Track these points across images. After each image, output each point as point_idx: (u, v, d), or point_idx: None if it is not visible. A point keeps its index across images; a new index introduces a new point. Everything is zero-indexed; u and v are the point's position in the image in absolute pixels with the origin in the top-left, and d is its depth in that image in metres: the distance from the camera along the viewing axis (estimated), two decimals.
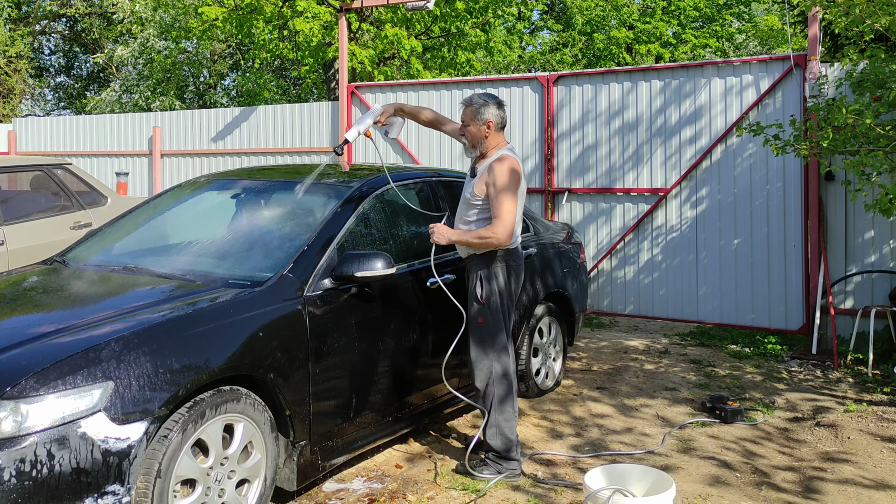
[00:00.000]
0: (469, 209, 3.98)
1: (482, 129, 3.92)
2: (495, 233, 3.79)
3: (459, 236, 3.88)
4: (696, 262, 7.23)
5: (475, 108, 3.92)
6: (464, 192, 4.05)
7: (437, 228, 3.88)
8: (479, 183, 3.89)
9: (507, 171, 3.82)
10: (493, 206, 3.82)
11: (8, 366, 2.74)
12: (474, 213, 3.95)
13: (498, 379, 3.90)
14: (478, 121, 3.92)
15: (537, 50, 22.04)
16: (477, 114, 3.91)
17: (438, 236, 3.87)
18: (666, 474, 3.28)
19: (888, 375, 5.72)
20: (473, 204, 3.93)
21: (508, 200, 3.79)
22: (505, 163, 3.84)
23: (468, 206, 3.98)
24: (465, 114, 3.95)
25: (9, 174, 6.92)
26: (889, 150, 5.39)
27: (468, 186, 4.00)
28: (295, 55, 13.95)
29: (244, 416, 3.16)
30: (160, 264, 3.99)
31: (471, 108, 3.93)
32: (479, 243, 3.83)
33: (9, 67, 21.28)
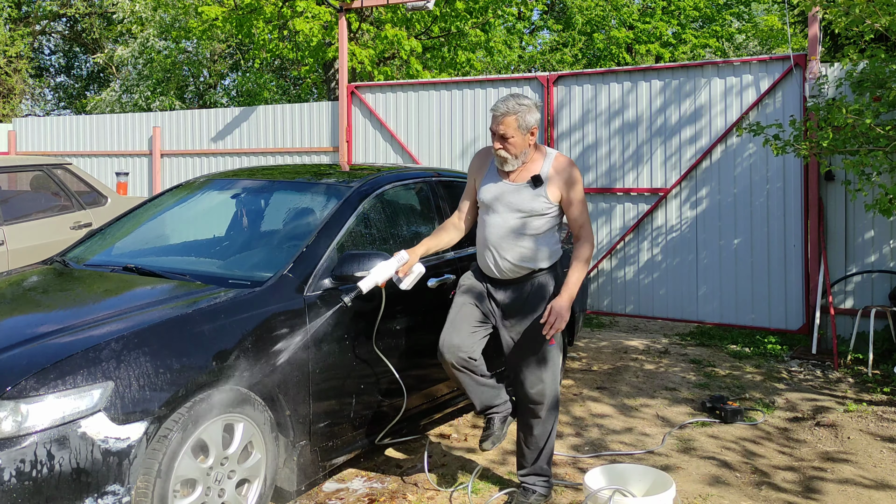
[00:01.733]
0: (533, 221, 3.51)
1: (527, 139, 3.48)
2: (591, 242, 3.55)
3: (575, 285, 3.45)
4: (696, 262, 7.23)
5: (520, 116, 3.43)
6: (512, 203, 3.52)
7: (557, 308, 3.37)
8: (552, 189, 3.49)
9: (576, 167, 3.56)
10: (574, 210, 3.51)
11: (8, 366, 2.74)
12: (543, 224, 3.52)
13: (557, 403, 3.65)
14: (523, 130, 3.45)
15: (537, 50, 22.04)
16: (522, 122, 3.44)
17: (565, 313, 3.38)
18: (666, 474, 3.28)
19: (888, 375, 5.72)
20: (544, 213, 3.51)
21: (585, 199, 3.59)
22: (567, 159, 3.57)
23: (533, 217, 3.51)
24: (506, 125, 3.44)
25: (9, 174, 6.92)
26: (889, 150, 5.39)
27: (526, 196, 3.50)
28: (295, 55, 13.95)
29: (244, 416, 3.16)
30: (160, 264, 3.99)
31: (513, 116, 3.43)
32: (587, 266, 3.53)
33: (9, 67, 21.28)
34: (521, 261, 3.52)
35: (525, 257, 3.52)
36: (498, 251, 3.53)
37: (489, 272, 3.60)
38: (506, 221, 3.52)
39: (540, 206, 3.50)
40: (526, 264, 3.52)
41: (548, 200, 3.49)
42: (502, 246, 3.52)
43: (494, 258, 3.54)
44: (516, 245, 3.51)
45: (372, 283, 3.48)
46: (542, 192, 3.49)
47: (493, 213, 3.56)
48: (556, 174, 3.51)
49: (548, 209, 3.51)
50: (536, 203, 3.50)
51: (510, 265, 3.53)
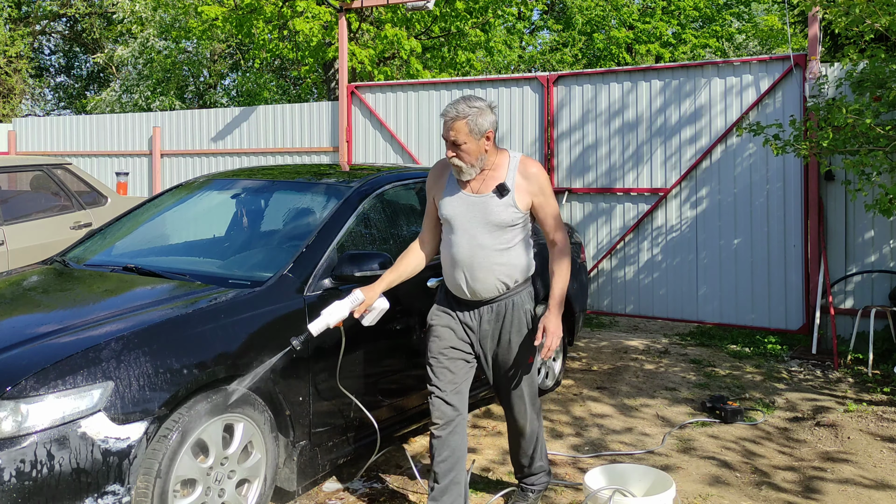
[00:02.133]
0: (504, 234, 3.21)
1: (482, 144, 3.15)
2: (568, 244, 3.31)
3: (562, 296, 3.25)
4: (696, 262, 7.23)
5: (470, 119, 3.09)
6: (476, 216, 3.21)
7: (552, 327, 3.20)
8: (521, 196, 3.20)
9: (544, 171, 3.28)
10: (547, 216, 3.26)
11: (8, 366, 2.74)
12: (514, 236, 3.23)
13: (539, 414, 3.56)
14: (475, 134, 3.12)
15: (537, 50, 22.04)
16: (474, 126, 3.10)
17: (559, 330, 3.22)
18: (666, 474, 3.28)
19: (888, 375, 5.72)
20: (513, 224, 3.21)
21: (556, 200, 3.33)
22: (534, 162, 3.27)
23: (502, 229, 3.20)
24: (457, 130, 3.10)
25: (9, 174, 6.92)
26: (889, 149, 5.39)
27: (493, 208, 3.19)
28: (295, 55, 13.95)
29: (244, 416, 3.16)
30: (160, 264, 3.99)
31: (463, 120, 3.09)
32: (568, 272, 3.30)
33: (9, 67, 21.28)
34: (495, 279, 3.22)
35: (499, 275, 3.22)
36: (469, 272, 3.21)
37: (460, 294, 3.28)
38: (473, 238, 3.20)
39: (509, 217, 3.18)
40: (501, 282, 3.23)
41: (517, 210, 3.19)
42: (473, 265, 3.20)
43: (466, 279, 3.23)
44: (488, 262, 3.20)
45: (323, 326, 3.21)
46: (511, 202, 3.18)
47: (458, 230, 3.23)
48: (524, 180, 3.22)
49: (518, 219, 3.22)
50: (505, 214, 3.18)
51: (483, 286, 3.22)
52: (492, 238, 3.20)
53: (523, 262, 3.28)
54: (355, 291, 3.28)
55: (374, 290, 3.32)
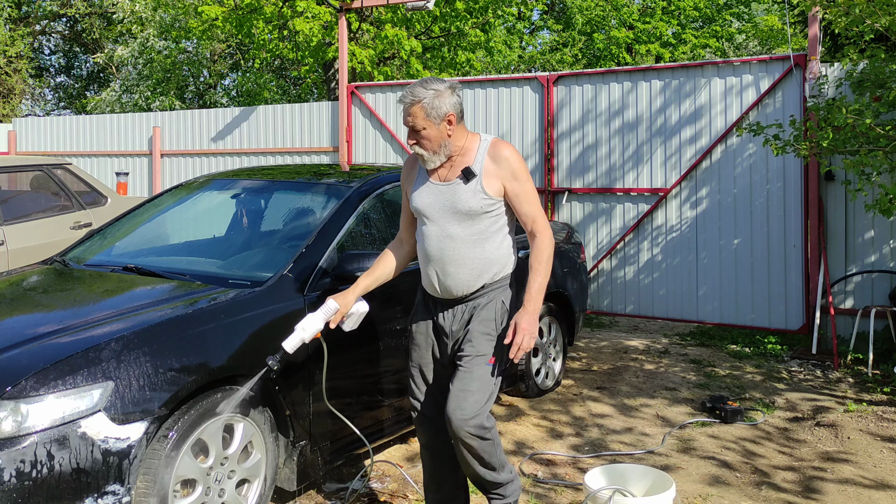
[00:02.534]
0: (475, 223, 2.95)
1: (443, 129, 2.89)
2: (549, 236, 2.95)
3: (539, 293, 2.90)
4: (696, 262, 7.23)
5: (426, 102, 2.86)
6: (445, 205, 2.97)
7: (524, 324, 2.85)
8: (490, 181, 2.93)
9: (518, 154, 2.98)
10: (521, 203, 2.95)
11: (8, 366, 2.74)
12: (487, 226, 2.97)
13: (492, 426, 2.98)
14: (434, 118, 2.87)
15: (537, 50, 22.05)
16: (431, 109, 2.87)
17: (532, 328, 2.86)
18: (666, 474, 3.28)
19: (888, 375, 5.72)
20: (486, 212, 2.95)
21: (534, 188, 3.00)
22: (509, 145, 2.99)
23: (473, 218, 2.95)
24: (414, 115, 2.88)
25: (9, 174, 6.92)
26: (889, 150, 5.39)
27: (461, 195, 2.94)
28: (295, 55, 13.95)
29: (244, 416, 3.16)
30: (160, 264, 3.99)
31: (419, 104, 2.87)
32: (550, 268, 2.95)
33: (9, 67, 21.28)
34: (468, 275, 2.96)
35: (472, 270, 2.96)
36: (441, 266, 2.98)
37: (434, 292, 3.06)
38: (443, 230, 2.96)
39: (478, 204, 2.92)
40: (474, 278, 2.97)
41: (486, 195, 2.92)
42: (444, 259, 2.96)
43: (437, 275, 3.00)
44: (459, 255, 2.95)
45: (298, 341, 3.05)
46: (478, 187, 2.93)
47: (428, 221, 3.01)
48: (493, 163, 2.94)
49: (490, 206, 2.94)
50: (474, 201, 2.92)
51: (455, 282, 2.97)
52: (462, 228, 2.95)
53: (500, 255, 2.99)
54: (328, 301, 3.10)
55: (347, 298, 3.11)
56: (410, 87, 2.90)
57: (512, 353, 2.85)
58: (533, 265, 2.93)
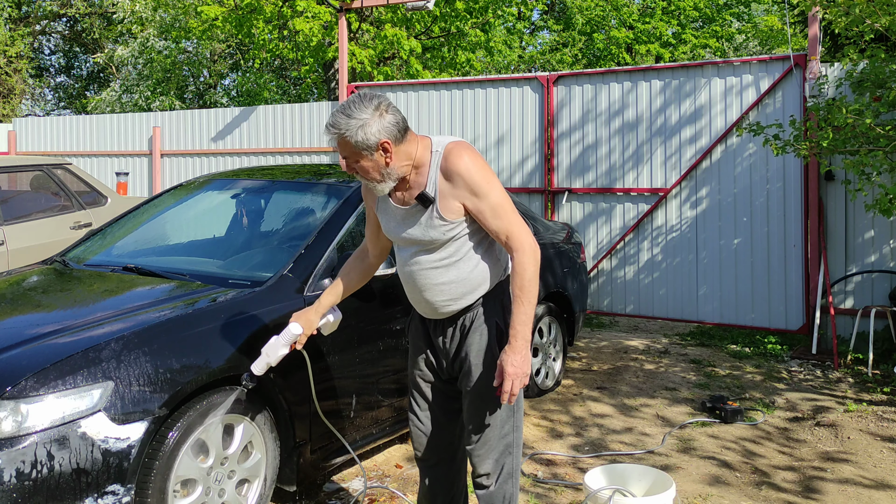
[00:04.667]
0: (443, 250, 2.60)
1: (378, 158, 2.48)
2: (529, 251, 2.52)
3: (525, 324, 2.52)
4: (696, 262, 7.23)
5: (349, 135, 2.45)
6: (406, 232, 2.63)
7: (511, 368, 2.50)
8: (447, 203, 2.53)
9: (475, 161, 2.53)
10: (488, 218, 2.53)
11: (8, 366, 2.74)
12: (458, 247, 2.61)
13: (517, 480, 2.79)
14: (365, 149, 2.47)
15: (537, 50, 22.05)
16: (359, 142, 2.46)
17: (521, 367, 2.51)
18: (666, 474, 3.28)
19: (888, 375, 5.72)
20: (447, 239, 2.58)
21: (504, 197, 2.56)
22: (464, 153, 2.52)
23: (437, 247, 2.60)
24: (343, 148, 2.51)
25: (9, 174, 6.92)
26: (889, 149, 5.39)
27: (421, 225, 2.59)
28: (295, 55, 13.96)
29: (244, 416, 3.16)
30: (160, 264, 3.99)
31: (342, 139, 2.47)
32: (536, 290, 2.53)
33: (9, 67, 21.29)
34: (445, 300, 2.66)
35: (449, 294, 2.65)
36: (415, 293, 2.72)
37: (420, 312, 2.80)
38: (410, 256, 2.67)
39: (438, 234, 2.57)
40: (453, 301, 2.66)
41: (446, 222, 2.55)
42: (416, 286, 2.68)
43: (414, 299, 2.75)
44: (429, 282, 2.64)
45: (264, 365, 2.90)
46: (435, 214, 2.55)
47: (398, 248, 2.74)
48: (446, 181, 2.53)
49: (451, 231, 2.57)
50: (433, 231, 2.57)
51: (433, 307, 2.69)
52: (427, 255, 2.63)
53: (479, 274, 2.65)
54: (290, 324, 2.88)
55: (309, 318, 2.89)
56: (333, 116, 2.48)
57: (503, 399, 2.53)
58: (514, 292, 2.53)
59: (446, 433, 2.87)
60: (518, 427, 2.74)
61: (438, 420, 2.85)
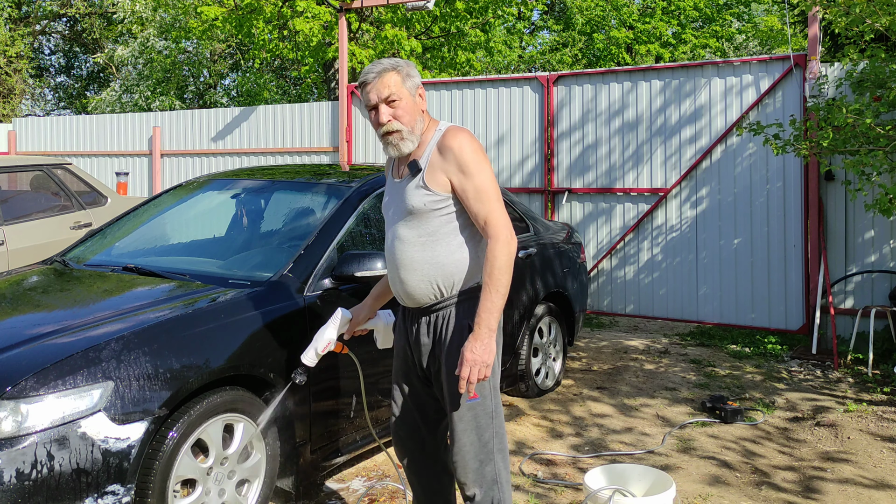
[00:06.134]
0: (422, 223, 2.59)
1: (418, 102, 2.61)
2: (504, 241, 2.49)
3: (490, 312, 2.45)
4: (696, 262, 7.23)
5: (401, 69, 2.58)
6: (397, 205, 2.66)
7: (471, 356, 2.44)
8: (434, 174, 2.55)
9: (471, 143, 2.56)
10: (471, 200, 2.52)
11: (8, 366, 2.74)
12: (438, 226, 2.58)
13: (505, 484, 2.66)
14: (410, 89, 2.59)
15: (537, 50, 22.06)
16: (407, 78, 2.58)
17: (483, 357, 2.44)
18: (666, 474, 3.28)
19: (888, 375, 5.72)
20: (432, 210, 2.56)
21: (492, 183, 2.55)
22: (461, 133, 2.56)
23: (419, 218, 2.58)
24: (388, 84, 2.56)
25: (9, 174, 6.92)
26: (889, 149, 5.39)
27: (407, 192, 2.60)
28: (295, 55, 13.96)
29: (244, 416, 3.16)
30: (160, 264, 3.99)
31: (393, 71, 2.56)
32: (506, 280, 2.47)
33: (9, 67, 21.29)
34: (419, 281, 2.60)
35: (424, 276, 2.59)
36: (395, 272, 2.67)
37: (399, 300, 2.75)
38: (395, 231, 2.65)
39: (420, 201, 2.56)
40: (427, 285, 2.60)
41: (430, 191, 2.55)
42: (396, 263, 2.64)
43: (395, 281, 2.69)
44: (410, 259, 2.61)
45: (313, 354, 2.86)
46: (421, 182, 2.57)
47: (387, 223, 2.75)
48: (439, 154, 2.56)
49: (435, 203, 2.55)
50: (416, 198, 2.57)
51: (409, 289, 2.63)
52: (409, 229, 2.60)
53: (456, 261, 2.59)
54: (338, 311, 2.86)
55: (361, 310, 2.91)
56: (375, 63, 2.59)
57: (461, 387, 2.45)
58: (483, 279, 2.48)
59: (429, 440, 2.82)
60: (499, 433, 2.65)
61: (418, 425, 2.80)
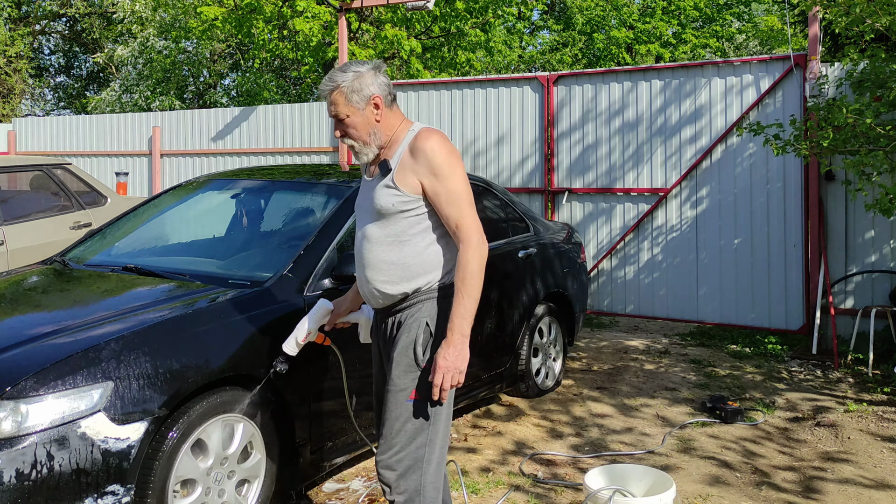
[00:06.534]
0: (390, 224, 2.56)
1: (369, 115, 2.55)
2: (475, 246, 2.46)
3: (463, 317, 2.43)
4: (697, 262, 7.23)
5: (345, 86, 2.52)
6: (367, 204, 2.63)
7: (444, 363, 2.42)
8: (404, 175, 2.52)
9: (444, 146, 2.51)
10: (442, 203, 2.49)
11: (8, 366, 2.73)
12: (405, 227, 2.55)
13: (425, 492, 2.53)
14: (357, 103, 2.53)
15: (537, 50, 22.06)
16: (352, 94, 2.52)
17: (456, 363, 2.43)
18: (666, 474, 3.28)
19: (888, 375, 5.72)
20: (400, 211, 2.53)
21: (464, 186, 2.51)
22: (434, 136, 2.52)
23: (388, 218, 2.55)
24: (335, 102, 2.54)
25: (9, 174, 6.92)
26: (889, 149, 5.39)
27: (376, 192, 2.57)
28: (295, 55, 13.96)
29: (244, 416, 3.15)
30: (160, 264, 3.99)
31: (337, 90, 2.52)
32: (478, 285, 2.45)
33: (9, 67, 21.28)
34: (383, 282, 2.57)
35: (389, 276, 2.56)
36: (361, 271, 2.65)
37: (366, 300, 2.73)
38: (363, 231, 2.64)
39: (388, 202, 2.52)
40: (392, 286, 2.57)
41: (398, 192, 2.52)
42: (362, 262, 2.63)
43: (361, 280, 2.67)
44: (376, 259, 2.58)
45: (294, 345, 2.84)
46: (390, 182, 2.54)
47: (358, 222, 2.73)
48: (410, 155, 2.52)
49: (403, 204, 2.52)
50: (384, 198, 2.53)
51: (373, 288, 2.61)
52: (377, 228, 2.58)
53: (422, 262, 2.55)
54: (320, 301, 2.85)
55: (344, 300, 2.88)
56: (329, 73, 2.56)
57: (434, 394, 2.43)
58: (456, 285, 2.46)
59: None
60: (433, 441, 2.52)
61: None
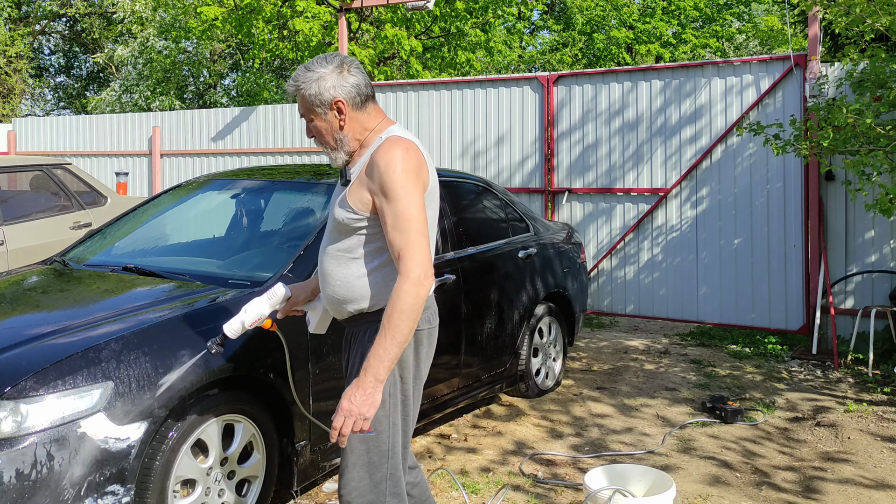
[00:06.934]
0: (341, 238, 2.39)
1: (332, 119, 2.37)
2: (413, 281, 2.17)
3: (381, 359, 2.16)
4: (697, 262, 7.23)
5: (305, 90, 2.34)
6: (330, 214, 2.45)
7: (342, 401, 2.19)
8: (357, 191, 2.32)
9: (402, 162, 2.24)
10: (384, 224, 2.26)
11: (8, 366, 2.73)
12: (354, 243, 2.36)
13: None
14: (319, 107, 2.35)
15: (537, 50, 22.06)
16: (313, 98, 2.34)
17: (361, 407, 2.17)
18: (666, 474, 3.28)
19: (888, 375, 5.72)
20: (350, 228, 2.34)
21: (416, 211, 2.23)
22: (395, 149, 2.26)
23: (339, 232, 2.39)
24: (300, 104, 2.40)
25: (9, 174, 6.92)
26: (889, 149, 5.39)
27: (334, 202, 2.43)
28: (295, 55, 13.96)
29: (244, 417, 3.16)
30: (160, 264, 3.99)
31: (300, 91, 2.36)
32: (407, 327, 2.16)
33: (9, 67, 21.29)
34: (331, 296, 2.43)
35: (336, 292, 2.40)
36: (320, 279, 2.51)
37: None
38: (323, 240, 2.49)
39: (340, 216, 2.35)
40: (339, 303, 2.41)
41: (349, 208, 2.33)
42: (319, 271, 2.49)
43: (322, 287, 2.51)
44: (326, 272, 2.43)
45: (238, 326, 2.63)
46: (344, 195, 2.37)
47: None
48: (367, 168, 2.32)
49: (353, 221, 2.33)
50: (338, 211, 2.37)
51: (327, 298, 2.46)
52: (331, 240, 2.42)
53: (365, 285, 2.36)
54: (277, 285, 2.64)
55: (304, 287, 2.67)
56: (295, 72, 2.36)
57: (331, 437, 2.19)
58: (382, 321, 2.19)
59: None
60: (394, 475, 2.36)
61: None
